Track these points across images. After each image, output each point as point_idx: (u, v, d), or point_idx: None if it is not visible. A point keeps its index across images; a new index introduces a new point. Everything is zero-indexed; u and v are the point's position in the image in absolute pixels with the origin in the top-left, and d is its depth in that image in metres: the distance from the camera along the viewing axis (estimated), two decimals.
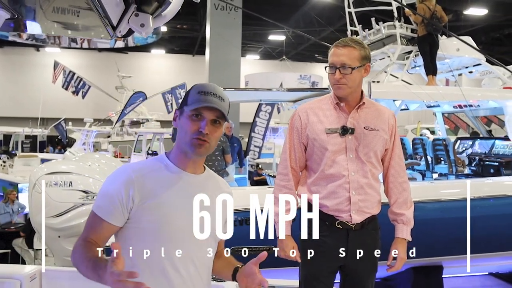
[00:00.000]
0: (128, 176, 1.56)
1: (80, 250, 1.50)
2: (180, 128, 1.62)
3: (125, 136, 19.53)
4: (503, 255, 4.85)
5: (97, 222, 1.55)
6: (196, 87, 1.64)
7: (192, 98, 1.60)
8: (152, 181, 1.58)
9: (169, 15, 1.65)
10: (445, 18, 5.88)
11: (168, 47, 28.87)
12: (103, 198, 1.57)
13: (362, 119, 2.33)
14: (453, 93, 5.48)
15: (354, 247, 2.27)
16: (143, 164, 1.67)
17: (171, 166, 1.63)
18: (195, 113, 1.58)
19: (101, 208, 1.55)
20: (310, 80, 20.45)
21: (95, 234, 1.55)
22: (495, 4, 18.00)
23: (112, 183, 1.58)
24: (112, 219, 1.55)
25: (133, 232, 1.57)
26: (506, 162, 5.71)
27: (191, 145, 1.58)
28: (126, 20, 1.59)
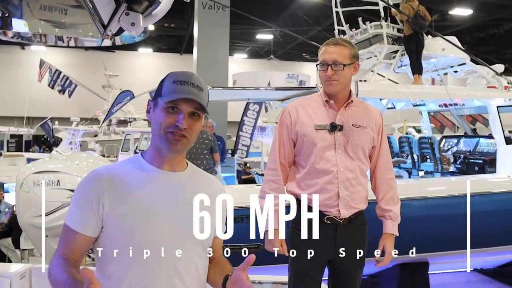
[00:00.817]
0: (96, 181, 1.43)
1: (56, 270, 1.37)
2: (154, 121, 1.47)
3: (112, 135, 19.39)
4: (487, 251, 4.94)
5: (71, 235, 1.42)
6: (171, 75, 1.48)
7: (167, 89, 1.45)
8: (123, 184, 1.44)
9: (159, 14, 1.66)
10: (429, 17, 5.95)
11: (156, 46, 28.74)
12: (73, 208, 1.44)
13: (350, 117, 2.39)
14: (439, 92, 5.55)
15: (343, 241, 2.32)
16: (114, 166, 1.53)
17: (145, 164, 1.49)
18: (171, 105, 1.43)
19: (73, 219, 1.43)
20: (298, 79, 20.52)
21: (70, 248, 1.42)
22: (480, 5, 18.24)
23: (81, 191, 1.45)
24: (85, 230, 1.42)
25: (108, 240, 1.43)
26: (490, 160, 5.80)
27: (166, 140, 1.44)
28: (116, 19, 1.60)
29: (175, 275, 1.45)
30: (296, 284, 2.41)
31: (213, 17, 13.23)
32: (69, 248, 1.42)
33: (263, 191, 2.43)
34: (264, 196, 2.35)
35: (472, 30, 22.26)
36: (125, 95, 14.50)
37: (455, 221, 4.78)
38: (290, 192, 2.46)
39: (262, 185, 2.49)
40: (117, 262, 1.42)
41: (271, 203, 2.09)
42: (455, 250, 4.77)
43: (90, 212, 1.41)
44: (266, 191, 2.41)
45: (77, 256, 1.43)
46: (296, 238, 2.35)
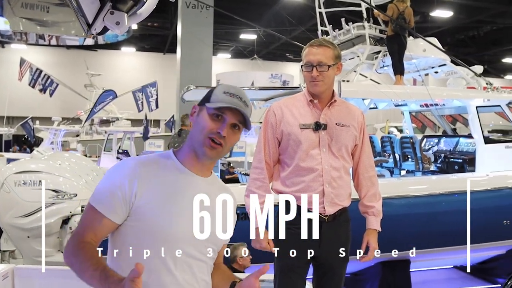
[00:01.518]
0: (133, 169, 1.45)
1: (81, 254, 1.36)
2: (196, 124, 1.51)
3: (94, 135, 19.23)
4: (466, 249, 5.02)
5: (97, 218, 1.41)
6: (223, 86, 1.53)
7: (216, 97, 1.49)
8: (156, 178, 1.47)
9: (144, 13, 1.67)
10: (412, 23, 6.01)
11: (139, 45, 28.53)
12: (104, 192, 1.44)
13: (334, 116, 2.44)
14: (420, 93, 5.63)
15: (327, 238, 2.36)
16: (148, 159, 1.53)
17: (178, 164, 1.52)
18: (217, 112, 1.48)
19: (101, 203, 1.42)
20: (281, 79, 20.58)
21: (94, 232, 1.41)
22: (460, 7, 18.54)
23: (115, 176, 1.46)
24: (113, 216, 1.42)
25: (132, 230, 1.45)
26: (470, 159, 5.90)
27: (204, 145, 1.47)
28: (101, 18, 1.59)
29: (190, 274, 1.49)
30: (282, 279, 2.45)
31: (197, 16, 13.18)
32: (93, 231, 1.41)
33: (249, 189, 2.47)
34: (250, 194, 2.41)
35: (452, 31, 22.61)
36: (107, 94, 14.38)
37: (436, 219, 4.87)
38: (275, 191, 2.49)
39: (247, 183, 2.53)
40: (135, 253, 1.43)
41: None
42: (435, 247, 4.86)
43: (121, 199, 1.42)
44: (252, 189, 2.45)
45: (98, 240, 1.42)
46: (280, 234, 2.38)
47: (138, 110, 15.91)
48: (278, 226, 2.40)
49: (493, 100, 5.82)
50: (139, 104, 15.88)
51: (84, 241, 1.38)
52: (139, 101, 15.87)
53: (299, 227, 2.39)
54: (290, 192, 2.40)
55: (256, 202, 2.10)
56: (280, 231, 1.81)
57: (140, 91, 15.85)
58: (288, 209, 1.88)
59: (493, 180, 5.17)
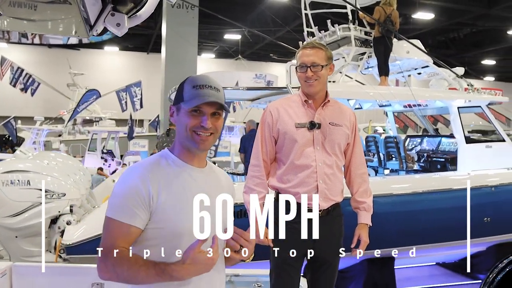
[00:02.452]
0: (142, 173, 1.50)
1: (124, 262, 1.41)
2: (179, 123, 1.58)
3: (77, 135, 19.01)
4: (449, 245, 5.14)
5: (123, 229, 1.46)
6: (190, 80, 1.57)
7: (188, 94, 1.54)
8: (165, 178, 1.52)
9: (144, 15, 1.71)
10: (397, 25, 6.11)
11: (122, 45, 28.29)
12: (121, 202, 1.48)
13: (327, 115, 2.55)
14: (404, 93, 5.73)
15: (321, 231, 2.43)
16: (151, 160, 1.59)
17: (177, 160, 1.58)
18: (194, 109, 1.54)
19: (123, 213, 1.46)
20: (266, 79, 20.57)
21: (123, 241, 1.45)
22: (441, 9, 18.84)
23: (127, 184, 1.49)
24: (138, 222, 1.47)
25: (153, 234, 1.50)
26: (451, 158, 6.02)
27: (193, 141, 1.54)
28: (102, 19, 1.64)
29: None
30: (278, 272, 2.53)
31: (181, 16, 13.18)
32: (124, 241, 1.45)
33: (247, 186, 2.57)
34: (249, 191, 2.51)
35: (434, 33, 22.97)
36: (91, 94, 14.26)
37: (419, 217, 4.97)
38: (271, 187, 2.58)
39: (246, 180, 2.63)
40: (157, 254, 1.47)
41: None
42: (420, 244, 4.96)
43: (141, 203, 1.46)
44: (250, 186, 2.56)
45: (129, 247, 1.46)
46: (277, 229, 2.45)
47: (122, 110, 15.81)
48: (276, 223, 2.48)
49: (474, 101, 5.96)
50: (123, 103, 15.79)
51: (120, 251, 1.43)
52: (123, 100, 15.78)
53: (295, 221, 2.47)
54: (286, 187, 2.49)
55: (255, 199, 2.18)
56: (281, 230, 1.86)
57: (124, 91, 15.76)
58: (288, 209, 1.94)
59: (474, 179, 5.30)
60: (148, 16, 1.73)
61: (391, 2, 6.08)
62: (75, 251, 4.05)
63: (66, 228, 4.27)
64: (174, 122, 1.61)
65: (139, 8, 1.70)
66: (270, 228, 1.76)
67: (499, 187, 5.25)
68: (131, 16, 1.71)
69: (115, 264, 1.41)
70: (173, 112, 1.61)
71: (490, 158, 5.67)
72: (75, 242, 4.07)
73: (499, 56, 27.59)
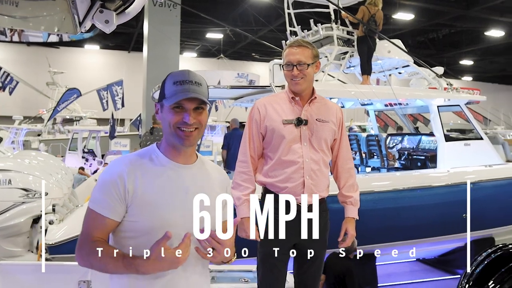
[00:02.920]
0: (121, 168, 1.52)
1: (96, 252, 1.45)
2: (163, 120, 1.59)
3: (57, 135, 18.74)
4: (429, 241, 5.24)
5: (98, 220, 1.51)
6: (171, 76, 1.58)
7: (169, 90, 1.55)
8: (145, 174, 1.54)
9: (133, 12, 1.72)
10: (380, 26, 6.18)
11: (103, 43, 28.00)
12: (100, 194, 1.52)
13: (314, 112, 2.59)
14: (385, 92, 5.81)
15: (307, 226, 2.48)
16: (135, 156, 1.61)
17: (162, 157, 1.59)
18: (176, 105, 1.54)
19: (100, 205, 1.51)
20: (248, 78, 20.68)
21: (100, 232, 1.51)
22: (421, 10, 19.13)
23: (107, 178, 1.53)
24: (114, 214, 1.51)
25: (129, 226, 1.53)
26: (431, 156, 6.12)
27: (178, 137, 1.55)
28: (90, 16, 1.64)
29: (188, 264, 1.52)
30: (265, 266, 2.57)
31: (164, 15, 13.10)
32: (99, 232, 1.51)
33: (235, 182, 2.60)
34: (236, 186, 2.54)
35: (414, 34, 23.30)
36: (71, 93, 14.09)
37: (400, 214, 5.05)
38: (259, 182, 2.61)
39: (234, 176, 2.65)
40: (134, 246, 1.49)
41: (243, 193, 2.29)
42: (400, 241, 5.04)
43: (116, 197, 1.50)
44: (238, 182, 2.59)
45: (105, 238, 1.53)
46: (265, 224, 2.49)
47: (103, 109, 15.63)
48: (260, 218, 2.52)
49: (453, 100, 6.07)
50: (104, 102, 15.61)
51: (94, 240, 1.49)
52: (104, 99, 15.60)
53: None
54: (273, 182, 2.53)
55: (243, 194, 2.25)
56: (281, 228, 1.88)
57: (105, 90, 15.58)
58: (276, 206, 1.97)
59: (453, 176, 5.41)
60: (137, 13, 1.74)
61: (376, 2, 6.14)
62: (58, 250, 4.00)
63: (49, 227, 4.22)
64: (159, 119, 1.62)
65: (127, 6, 1.71)
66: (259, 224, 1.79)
67: (477, 183, 5.37)
68: (120, 13, 1.71)
69: (89, 253, 1.47)
70: (158, 110, 1.62)
71: (468, 156, 5.78)
72: (58, 241, 4.01)
73: (477, 57, 28.14)
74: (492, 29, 21.61)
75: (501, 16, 19.15)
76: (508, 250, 2.42)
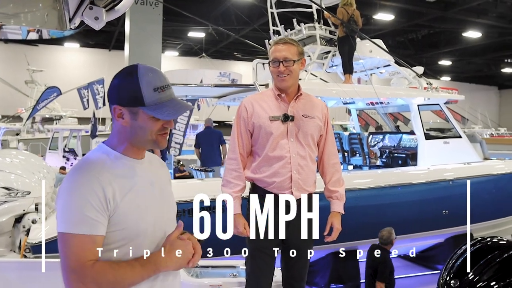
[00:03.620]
0: (92, 178, 1.37)
1: (106, 269, 1.32)
2: (138, 128, 1.44)
3: (36, 134, 18.43)
4: (409, 238, 5.34)
5: (87, 241, 1.32)
6: (147, 81, 1.42)
7: (150, 99, 1.42)
8: (116, 178, 1.41)
9: (122, 9, 1.73)
10: (360, 24, 6.27)
11: (83, 41, 27.65)
12: (78, 213, 1.33)
13: (300, 108, 2.64)
14: (367, 91, 5.91)
15: (295, 221, 2.53)
16: (94, 160, 1.44)
17: (122, 156, 1.47)
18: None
19: (82, 224, 1.32)
20: (230, 77, 20.65)
21: (92, 254, 1.33)
22: (400, 11, 19.40)
23: (79, 192, 1.35)
24: (101, 229, 1.35)
25: (114, 237, 1.40)
26: (412, 154, 6.23)
27: (159, 143, 1.47)
28: (80, 12, 1.65)
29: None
30: (253, 259, 2.61)
31: (146, 13, 13.02)
32: (92, 253, 1.34)
33: (225, 179, 2.64)
34: (227, 184, 2.57)
35: (394, 34, 23.62)
36: (51, 91, 13.88)
37: (382, 210, 5.14)
38: (247, 178, 2.65)
39: (224, 173, 2.69)
40: (122, 256, 1.40)
41: (233, 190, 2.35)
42: None
43: (100, 211, 1.35)
44: (228, 179, 2.63)
45: (98, 258, 1.37)
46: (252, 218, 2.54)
47: (84, 108, 15.40)
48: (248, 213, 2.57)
49: (433, 99, 6.20)
50: (85, 101, 15.37)
51: (93, 264, 1.33)
52: (85, 98, 15.37)
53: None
54: (261, 177, 2.57)
55: (233, 191, 2.30)
56: (259, 220, 1.93)
57: (85, 88, 15.35)
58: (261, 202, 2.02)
59: (433, 173, 5.52)
60: (126, 10, 1.75)
61: (351, 2, 6.22)
62: (41, 250, 3.97)
63: (32, 226, 4.18)
64: (123, 124, 1.45)
65: (117, 2, 1.72)
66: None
67: (456, 180, 5.49)
68: (109, 10, 1.72)
69: (96, 277, 1.31)
70: (123, 114, 1.44)
71: (448, 154, 5.92)
72: (41, 240, 3.98)
73: (455, 57, 28.67)
74: (469, 30, 22.04)
75: (477, 18, 19.56)
76: (487, 243, 2.50)
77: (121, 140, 1.48)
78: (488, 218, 5.76)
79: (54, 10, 1.55)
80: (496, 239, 2.55)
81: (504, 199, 5.90)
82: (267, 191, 2.55)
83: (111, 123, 19.96)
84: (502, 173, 5.89)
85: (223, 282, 2.51)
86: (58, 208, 1.35)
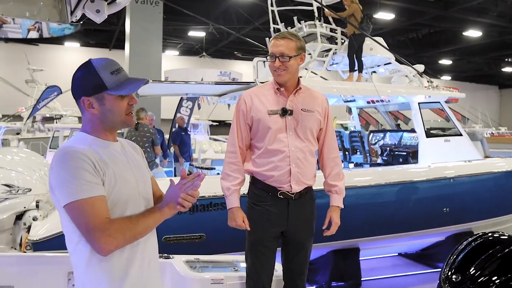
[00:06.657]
0: (82, 153, 1.51)
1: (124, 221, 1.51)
2: (109, 111, 1.59)
3: (37, 133, 18.41)
4: (410, 236, 5.33)
5: (98, 201, 1.48)
6: (103, 68, 1.59)
7: (111, 81, 1.58)
8: (97, 154, 1.55)
9: (123, 2, 1.73)
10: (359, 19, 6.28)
11: (83, 40, 27.65)
12: (80, 181, 1.47)
13: (299, 102, 2.64)
14: (368, 89, 5.90)
15: (294, 214, 2.54)
16: (76, 144, 1.59)
17: (100, 141, 1.63)
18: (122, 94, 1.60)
19: (88, 189, 1.47)
20: (230, 76, 20.61)
21: (107, 211, 1.50)
22: (401, 10, 19.38)
23: (72, 164, 1.49)
24: (101, 190, 1.51)
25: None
26: (412, 152, 6.22)
27: (129, 122, 1.65)
28: (81, 5, 1.65)
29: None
30: (253, 253, 2.60)
31: (146, 12, 13.02)
32: (107, 210, 1.51)
33: (225, 172, 2.64)
34: (226, 177, 2.57)
35: (394, 33, 23.58)
36: (51, 90, 13.91)
37: (382, 208, 5.13)
38: (247, 171, 2.65)
39: (223, 167, 2.69)
40: None
41: (233, 184, 2.36)
42: (382, 235, 5.12)
43: (95, 176, 1.50)
44: (227, 172, 2.63)
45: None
46: (252, 212, 2.56)
47: None
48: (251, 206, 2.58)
49: (434, 97, 6.19)
50: None
51: (113, 218, 1.51)
52: None
53: (269, 204, 2.57)
54: (260, 171, 2.57)
55: (232, 184, 2.31)
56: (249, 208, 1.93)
57: None
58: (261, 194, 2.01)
59: (434, 171, 5.51)
60: (127, 3, 1.75)
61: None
62: (42, 247, 3.96)
63: (33, 223, 4.17)
64: (94, 113, 1.60)
65: None
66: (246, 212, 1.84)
67: (457, 178, 5.48)
68: (110, 3, 1.72)
69: (118, 227, 1.48)
70: (92, 103, 1.60)
71: (448, 151, 5.90)
72: (42, 237, 3.97)
73: (455, 56, 28.66)
74: (470, 29, 22.03)
75: (478, 17, 19.54)
76: (488, 238, 2.50)
77: (94, 127, 1.63)
78: (489, 216, 5.75)
79: (55, 2, 1.55)
80: (498, 234, 2.55)
81: (505, 197, 5.89)
82: (266, 184, 2.56)
83: None
84: (503, 171, 5.88)
85: (224, 276, 2.51)
86: (57, 184, 1.49)
